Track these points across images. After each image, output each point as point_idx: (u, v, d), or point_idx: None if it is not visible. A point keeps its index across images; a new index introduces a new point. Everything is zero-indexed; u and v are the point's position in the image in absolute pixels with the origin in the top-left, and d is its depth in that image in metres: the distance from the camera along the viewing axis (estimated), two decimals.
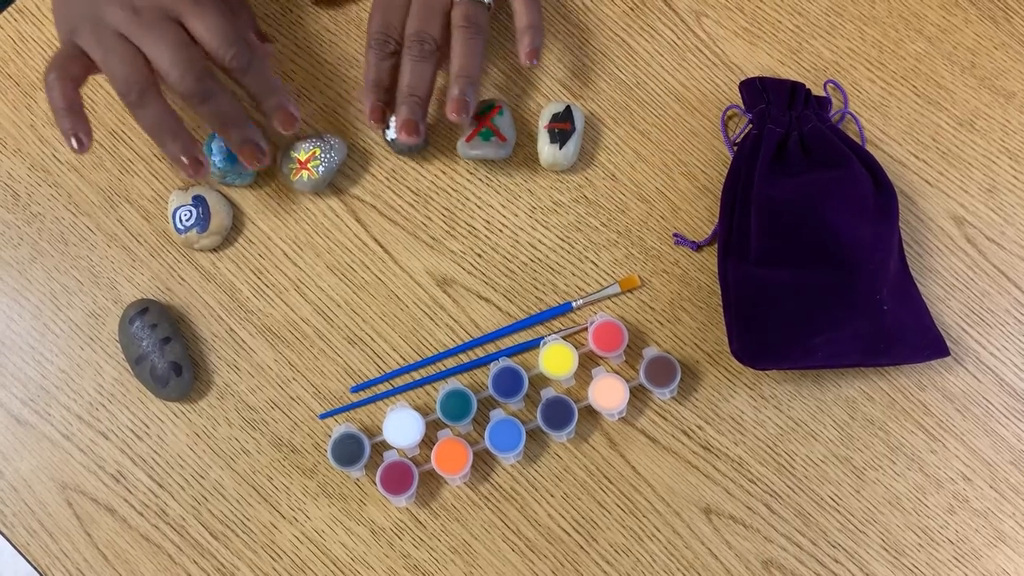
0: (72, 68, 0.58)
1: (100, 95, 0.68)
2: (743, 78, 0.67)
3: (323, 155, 0.64)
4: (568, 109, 0.65)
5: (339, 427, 0.61)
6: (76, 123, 0.57)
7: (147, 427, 0.63)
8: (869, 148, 0.66)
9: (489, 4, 0.63)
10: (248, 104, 0.65)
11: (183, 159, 0.58)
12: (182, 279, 0.65)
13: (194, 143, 0.58)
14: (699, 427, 0.63)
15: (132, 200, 0.66)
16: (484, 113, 0.65)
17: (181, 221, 0.64)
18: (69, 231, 0.66)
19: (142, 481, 0.62)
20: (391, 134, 0.65)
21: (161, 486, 0.62)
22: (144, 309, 0.62)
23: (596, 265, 0.65)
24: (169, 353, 0.62)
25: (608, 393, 0.61)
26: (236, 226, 0.66)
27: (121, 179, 0.66)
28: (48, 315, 0.64)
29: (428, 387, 0.63)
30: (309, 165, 0.64)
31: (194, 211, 0.64)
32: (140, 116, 0.58)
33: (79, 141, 0.57)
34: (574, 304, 0.64)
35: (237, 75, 0.59)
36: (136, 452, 0.63)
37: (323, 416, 0.63)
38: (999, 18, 0.69)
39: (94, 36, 0.57)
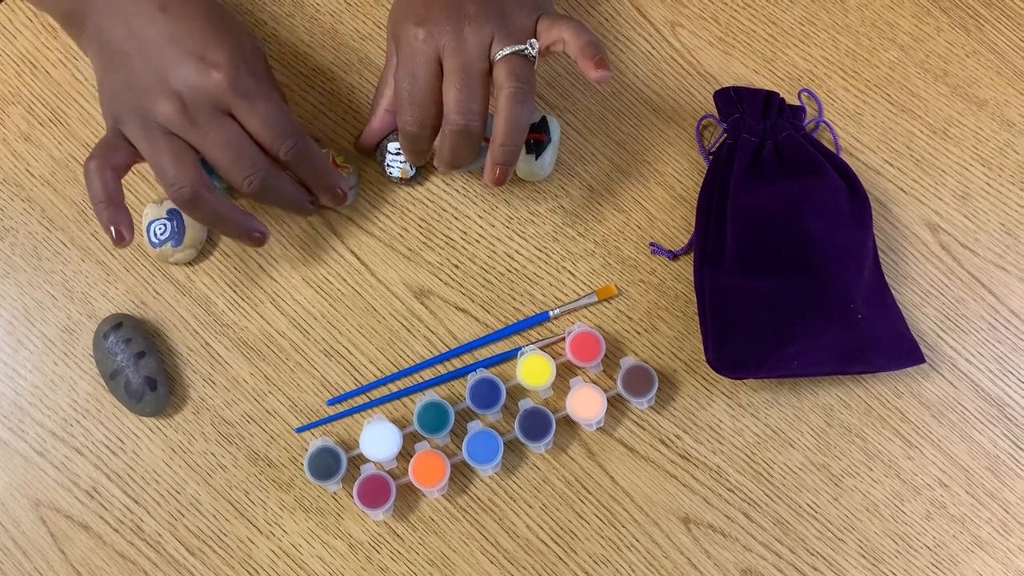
0: (115, 158, 0.55)
1: (71, 108, 0.67)
2: (718, 88, 0.67)
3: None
4: (544, 120, 0.65)
5: (315, 441, 0.61)
6: (117, 216, 0.55)
7: (122, 442, 0.62)
8: (843, 156, 0.66)
9: (534, 56, 0.57)
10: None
11: (246, 239, 0.58)
12: (157, 293, 0.64)
13: (250, 218, 0.58)
14: (677, 436, 0.63)
15: None
16: None
17: (155, 235, 0.63)
18: (43, 245, 0.65)
19: (117, 497, 0.62)
20: (394, 172, 0.64)
21: (137, 502, 0.62)
22: (118, 324, 0.62)
23: (573, 275, 0.65)
24: (144, 368, 0.61)
25: (586, 403, 0.61)
26: (211, 239, 0.65)
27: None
28: (21, 330, 0.64)
29: (405, 399, 0.63)
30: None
31: (168, 225, 0.63)
32: (192, 214, 0.56)
33: (119, 235, 0.55)
34: (551, 314, 0.64)
35: (294, 167, 0.58)
36: (111, 468, 0.62)
37: (299, 430, 0.63)
38: (970, 26, 0.69)
39: (141, 129, 0.55)
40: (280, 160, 0.57)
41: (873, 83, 0.68)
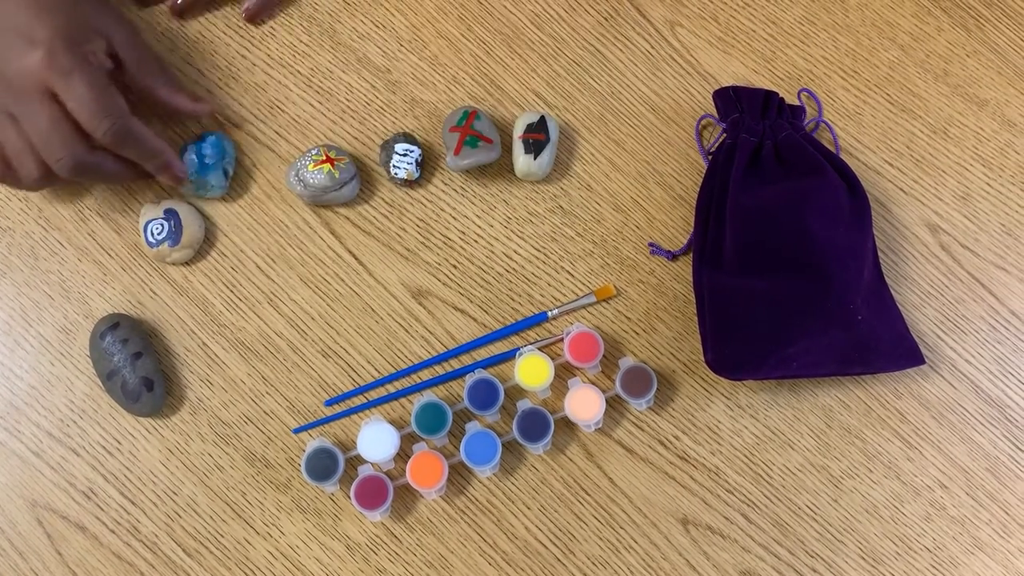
0: None
1: None
2: (717, 87, 0.67)
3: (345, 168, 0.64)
4: (542, 119, 0.65)
5: (313, 441, 0.61)
6: None
7: (119, 443, 0.62)
8: (843, 156, 0.66)
9: None
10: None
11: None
12: (154, 293, 0.64)
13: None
14: (676, 437, 0.62)
15: (103, 214, 0.65)
16: (462, 122, 0.65)
17: (153, 235, 0.63)
18: (39, 245, 0.65)
19: (114, 498, 0.61)
20: (400, 174, 0.64)
21: (133, 503, 0.61)
22: (115, 324, 0.62)
23: (572, 275, 0.65)
24: (140, 368, 0.61)
25: (584, 404, 0.61)
26: (208, 239, 0.65)
27: (92, 193, 0.65)
28: (18, 330, 0.64)
29: (403, 400, 0.63)
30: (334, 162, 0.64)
31: (166, 224, 0.63)
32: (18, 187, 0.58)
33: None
34: (549, 314, 0.64)
35: (113, 148, 0.57)
36: (108, 469, 0.62)
37: (297, 431, 0.62)
38: (971, 26, 0.69)
39: None
40: (99, 141, 0.56)
41: (873, 83, 0.68)
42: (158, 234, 0.63)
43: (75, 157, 0.55)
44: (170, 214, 0.63)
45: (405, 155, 0.64)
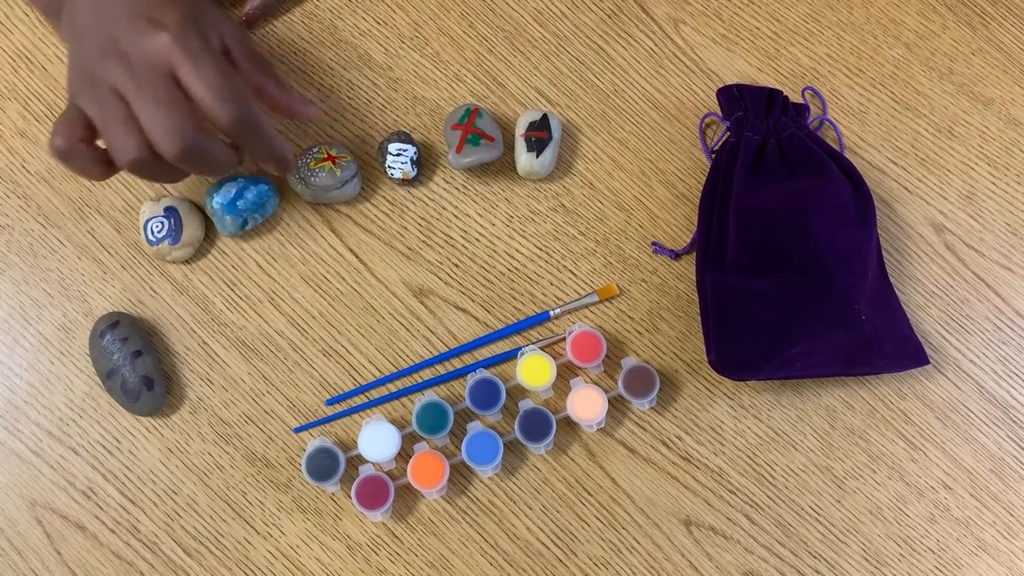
0: (75, 131, 0.54)
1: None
2: (721, 85, 0.66)
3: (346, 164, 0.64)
4: (545, 117, 0.64)
5: (314, 441, 0.60)
6: (109, 171, 0.55)
7: (118, 442, 0.62)
8: (847, 155, 0.66)
9: None
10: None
11: (217, 172, 0.56)
12: (154, 291, 0.64)
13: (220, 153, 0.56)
14: (678, 438, 0.62)
15: (103, 211, 0.65)
16: (464, 120, 0.64)
17: (153, 233, 0.63)
18: (39, 243, 0.64)
19: (113, 497, 0.61)
20: (395, 174, 0.64)
21: (133, 502, 0.61)
22: (115, 322, 0.61)
23: (574, 274, 0.64)
24: (140, 367, 0.61)
25: (586, 404, 0.60)
26: (209, 237, 0.65)
27: (92, 190, 0.65)
28: (17, 329, 0.63)
29: (404, 399, 0.63)
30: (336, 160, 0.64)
31: (166, 222, 0.63)
32: (142, 177, 0.55)
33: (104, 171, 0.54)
34: (552, 313, 0.63)
35: (233, 134, 0.55)
36: (107, 468, 0.61)
37: (297, 430, 0.62)
38: (976, 24, 0.68)
39: (91, 97, 0.53)
40: (221, 127, 0.55)
41: (878, 81, 0.67)
42: (158, 232, 0.63)
43: (188, 138, 0.53)
44: (170, 212, 0.63)
45: (399, 155, 0.64)
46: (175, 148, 0.53)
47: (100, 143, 0.55)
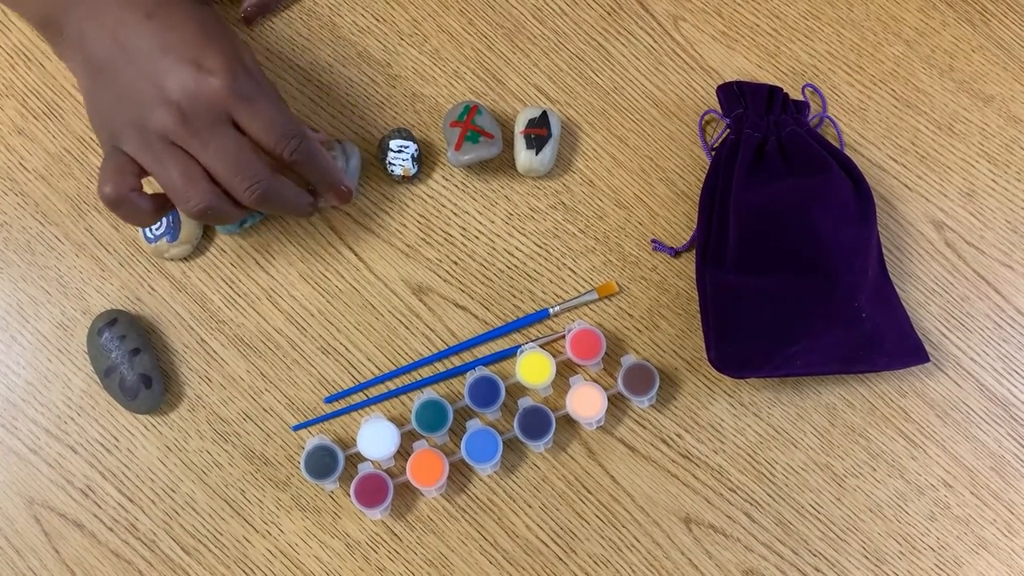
0: (127, 180, 0.53)
1: (66, 101, 0.66)
2: (720, 82, 0.66)
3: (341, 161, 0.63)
4: (544, 114, 0.64)
5: (312, 439, 0.60)
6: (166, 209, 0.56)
7: (117, 440, 0.62)
8: (848, 152, 0.65)
9: None
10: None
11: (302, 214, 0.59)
12: (152, 289, 0.64)
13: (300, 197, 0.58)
14: (678, 435, 0.62)
15: (101, 209, 0.65)
16: (463, 117, 0.64)
17: (151, 230, 0.63)
18: (36, 240, 0.64)
19: (111, 496, 0.61)
20: (396, 171, 0.63)
21: (131, 500, 0.61)
22: (113, 320, 0.61)
23: (574, 272, 0.64)
24: (139, 365, 0.60)
25: (586, 402, 0.60)
26: (207, 235, 0.64)
27: (90, 187, 0.65)
28: (15, 326, 0.63)
29: (403, 397, 0.62)
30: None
31: (164, 220, 0.63)
32: (210, 223, 0.56)
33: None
34: (551, 311, 0.63)
35: (294, 167, 0.56)
36: (105, 466, 0.61)
37: (296, 428, 0.62)
38: (976, 20, 0.68)
39: (142, 144, 0.53)
40: (284, 161, 0.55)
41: (878, 78, 0.67)
42: (156, 230, 0.63)
43: (266, 183, 0.54)
44: None
45: (400, 152, 0.63)
46: (255, 194, 0.54)
47: (147, 188, 0.55)
